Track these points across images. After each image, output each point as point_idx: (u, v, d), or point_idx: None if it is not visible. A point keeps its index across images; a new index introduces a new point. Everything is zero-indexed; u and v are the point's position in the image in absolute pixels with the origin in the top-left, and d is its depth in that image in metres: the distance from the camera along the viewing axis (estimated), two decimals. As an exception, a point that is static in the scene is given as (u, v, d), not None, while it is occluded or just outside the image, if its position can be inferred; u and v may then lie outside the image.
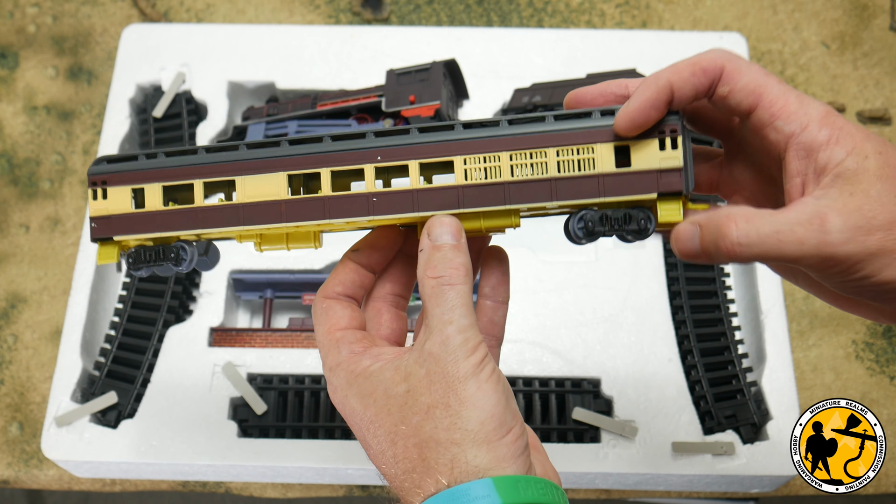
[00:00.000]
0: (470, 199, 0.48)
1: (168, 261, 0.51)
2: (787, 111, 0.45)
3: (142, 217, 0.51)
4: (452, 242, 0.47)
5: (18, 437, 0.83)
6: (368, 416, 0.46)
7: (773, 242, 0.43)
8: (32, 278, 0.90)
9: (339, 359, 0.48)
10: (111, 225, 0.51)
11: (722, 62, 0.47)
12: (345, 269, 0.51)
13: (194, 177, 0.50)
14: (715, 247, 0.45)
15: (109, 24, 1.03)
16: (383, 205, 0.48)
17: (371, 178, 0.49)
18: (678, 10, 1.04)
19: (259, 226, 0.49)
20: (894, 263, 0.43)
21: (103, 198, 0.51)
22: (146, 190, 0.51)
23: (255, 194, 0.49)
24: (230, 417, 0.79)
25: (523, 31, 0.99)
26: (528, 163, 0.48)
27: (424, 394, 0.44)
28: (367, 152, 0.49)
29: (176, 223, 0.50)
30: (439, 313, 0.45)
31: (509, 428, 0.44)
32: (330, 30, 0.98)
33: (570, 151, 0.47)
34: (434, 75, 0.85)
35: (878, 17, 1.04)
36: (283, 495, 0.83)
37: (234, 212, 0.50)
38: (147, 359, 0.82)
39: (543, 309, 0.84)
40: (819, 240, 0.43)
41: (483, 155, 0.48)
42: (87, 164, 0.95)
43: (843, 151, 0.44)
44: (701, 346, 0.82)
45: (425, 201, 0.48)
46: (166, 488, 0.83)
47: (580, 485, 0.80)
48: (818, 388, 0.85)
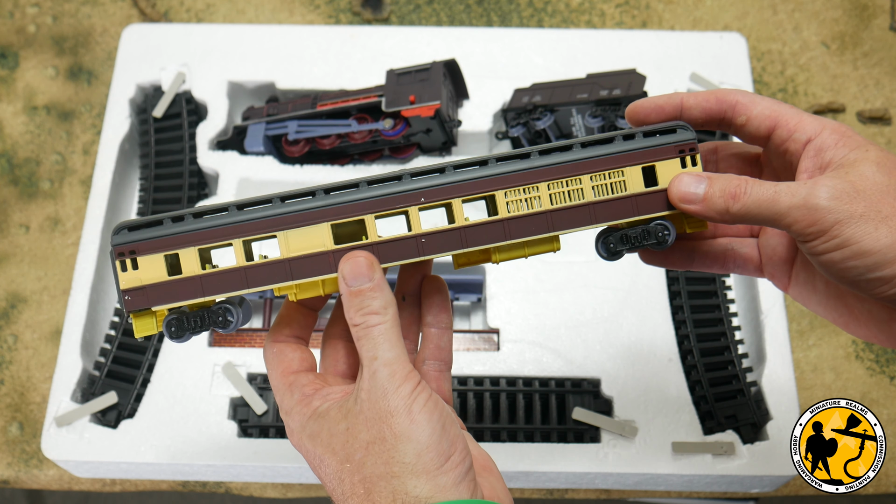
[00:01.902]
0: (515, 231, 0.50)
1: (216, 325, 0.49)
2: (803, 124, 0.49)
3: (181, 283, 0.49)
4: (368, 285, 0.48)
5: (18, 437, 0.83)
6: (318, 454, 0.48)
7: (769, 196, 0.46)
8: (32, 278, 0.90)
9: (291, 403, 0.50)
10: (147, 295, 0.49)
11: (736, 96, 0.51)
12: (290, 312, 0.53)
13: (231, 236, 0.49)
14: (721, 194, 0.47)
15: (109, 24, 1.03)
16: (433, 244, 0.49)
17: (417, 219, 0.49)
18: (678, 10, 1.04)
19: (312, 278, 0.49)
20: (875, 234, 0.45)
21: (133, 268, 0.49)
22: (181, 255, 0.49)
23: (300, 247, 0.49)
24: (230, 417, 0.79)
25: (523, 31, 0.99)
26: (565, 191, 0.50)
27: (363, 430, 0.46)
28: (409, 195, 0.49)
29: (221, 286, 0.49)
30: (365, 353, 0.47)
31: (447, 456, 0.45)
32: (330, 30, 0.98)
33: (602, 176, 0.50)
34: (434, 75, 0.85)
35: (878, 17, 1.04)
36: (283, 495, 0.83)
37: (282, 267, 0.49)
38: (147, 359, 0.82)
39: (543, 309, 0.84)
40: (808, 192, 0.45)
41: (522, 187, 0.50)
42: (86, 164, 0.95)
43: (847, 149, 0.47)
44: (701, 346, 0.82)
45: (474, 237, 0.50)
46: (166, 488, 0.83)
47: (580, 485, 0.80)
48: (818, 388, 0.85)
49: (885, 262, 0.45)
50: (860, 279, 0.46)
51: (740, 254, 0.55)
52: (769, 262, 0.55)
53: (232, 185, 0.88)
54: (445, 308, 0.54)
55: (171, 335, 0.50)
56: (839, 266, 0.46)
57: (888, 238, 0.44)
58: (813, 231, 0.46)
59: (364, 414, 0.46)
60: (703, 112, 0.51)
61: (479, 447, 0.52)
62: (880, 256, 0.45)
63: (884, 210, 0.45)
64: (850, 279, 0.46)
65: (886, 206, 0.45)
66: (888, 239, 0.44)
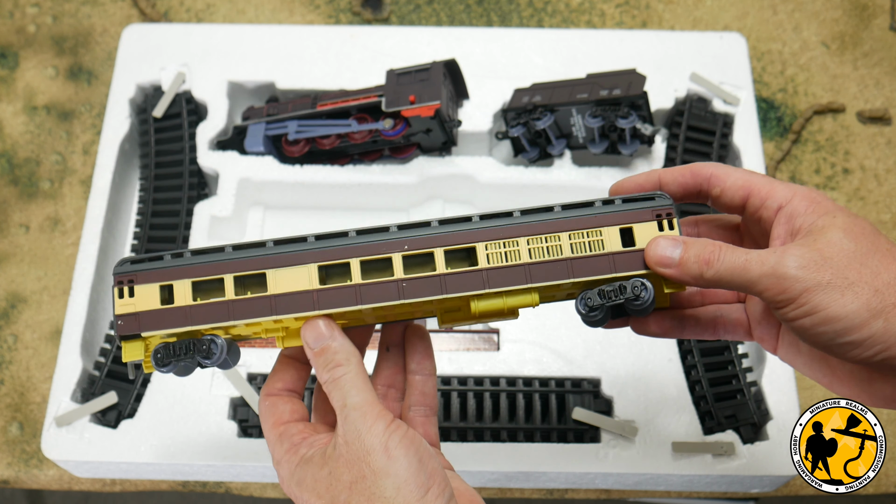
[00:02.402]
0: (494, 281, 0.52)
1: (199, 353, 0.51)
2: (774, 191, 0.51)
3: (170, 312, 0.51)
4: (329, 343, 0.51)
5: (18, 437, 0.83)
6: (305, 499, 0.49)
7: (741, 264, 0.48)
8: (32, 278, 0.90)
9: (281, 452, 0.52)
10: (139, 321, 0.52)
11: (710, 169, 0.53)
12: (283, 367, 0.55)
13: (224, 272, 0.52)
14: (695, 260, 0.49)
15: (109, 24, 1.03)
16: (413, 289, 0.51)
17: (399, 265, 0.51)
18: (678, 10, 1.04)
19: (292, 314, 0.51)
20: (841, 300, 0.46)
21: (130, 296, 0.52)
22: (175, 286, 0.52)
23: (286, 286, 0.51)
24: (230, 417, 0.79)
25: (523, 31, 0.99)
26: (543, 246, 0.52)
27: (344, 472, 0.48)
28: (393, 242, 0.52)
29: (207, 316, 0.51)
30: (335, 401, 0.50)
31: (427, 488, 0.47)
32: (330, 30, 0.98)
33: (580, 235, 0.52)
34: (434, 75, 0.85)
35: (878, 17, 1.04)
36: (283, 495, 0.83)
37: (266, 303, 0.51)
38: (147, 359, 0.82)
39: (543, 309, 0.83)
40: (777, 261, 0.47)
41: (502, 241, 0.52)
42: (86, 164, 0.95)
43: (816, 215, 0.49)
44: (701, 346, 0.82)
45: (453, 284, 0.51)
46: (166, 488, 0.83)
47: (580, 485, 0.80)
48: (818, 388, 0.85)
49: (854, 328, 0.46)
50: (832, 344, 0.47)
51: (729, 320, 0.57)
52: (757, 327, 0.56)
53: (232, 185, 0.88)
54: (428, 355, 0.57)
55: (157, 361, 0.51)
56: (810, 332, 0.47)
57: (854, 304, 0.46)
58: (782, 299, 0.47)
59: (343, 457, 0.48)
60: (681, 186, 0.54)
61: (467, 485, 0.54)
62: (848, 322, 0.46)
63: (850, 276, 0.46)
64: (823, 344, 0.48)
65: (852, 273, 0.46)
66: (854, 305, 0.46)
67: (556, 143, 0.89)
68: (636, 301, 0.52)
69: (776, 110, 0.98)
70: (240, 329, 0.53)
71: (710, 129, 0.91)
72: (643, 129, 0.85)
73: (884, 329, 0.46)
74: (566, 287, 0.53)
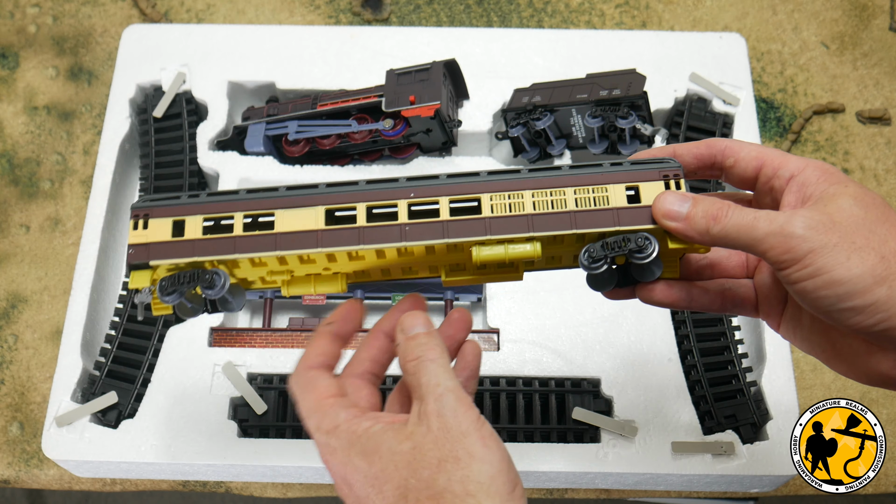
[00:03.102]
0: (496, 228, 0.52)
1: (202, 282, 0.52)
2: (787, 162, 0.51)
3: (179, 244, 0.53)
4: (423, 330, 0.51)
5: (19, 437, 0.83)
6: (374, 472, 0.47)
7: (749, 221, 0.48)
8: (33, 278, 0.90)
9: (337, 421, 0.50)
10: (149, 251, 0.53)
11: (725, 142, 0.54)
12: (322, 341, 0.54)
13: (235, 210, 0.53)
14: (703, 215, 0.49)
15: (110, 24, 1.03)
16: (415, 233, 0.52)
17: (405, 211, 0.52)
18: (678, 10, 1.04)
19: (295, 251, 0.52)
20: (846, 264, 0.46)
21: (144, 228, 0.54)
22: (187, 221, 0.53)
23: (292, 225, 0.53)
24: (230, 417, 0.79)
25: (523, 32, 0.99)
26: (548, 199, 0.52)
27: (432, 449, 0.46)
28: (401, 190, 0.53)
29: (213, 249, 0.53)
30: (426, 381, 0.49)
31: (515, 484, 0.46)
32: (330, 30, 0.98)
33: (586, 191, 0.52)
34: (434, 75, 0.85)
35: (878, 17, 1.04)
36: (283, 495, 0.83)
37: (271, 240, 0.53)
38: (147, 359, 0.82)
39: (543, 309, 0.84)
40: (785, 221, 0.47)
41: (508, 193, 0.52)
42: (87, 164, 0.95)
43: (828, 184, 0.49)
44: (701, 346, 0.82)
45: (455, 230, 0.52)
46: (166, 488, 0.83)
47: (580, 484, 0.80)
48: (818, 388, 0.85)
49: (857, 292, 0.46)
50: (833, 309, 0.47)
51: (738, 293, 0.56)
52: (764, 302, 0.56)
53: (232, 186, 0.88)
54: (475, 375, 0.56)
55: (161, 290, 0.53)
56: (812, 296, 0.47)
57: (859, 268, 0.45)
58: (787, 259, 0.47)
59: (434, 434, 0.47)
60: (695, 158, 0.54)
61: None
62: (851, 286, 0.46)
63: (857, 241, 0.46)
64: (824, 309, 0.47)
65: (860, 238, 0.46)
66: (859, 269, 0.45)
67: (556, 143, 0.89)
68: (640, 254, 0.51)
69: (776, 110, 0.99)
70: (245, 270, 0.54)
71: (710, 129, 0.91)
72: (643, 129, 0.85)
73: (887, 297, 0.45)
74: (569, 241, 0.53)
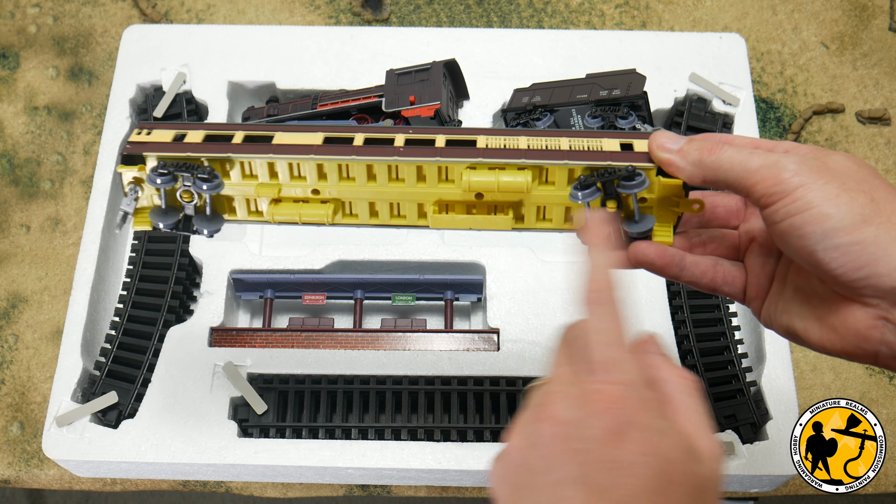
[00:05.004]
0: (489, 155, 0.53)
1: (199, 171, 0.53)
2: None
3: (177, 145, 0.54)
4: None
5: (19, 437, 0.83)
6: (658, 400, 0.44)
7: (742, 156, 0.48)
8: (33, 278, 0.90)
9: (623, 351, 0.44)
10: (146, 147, 0.54)
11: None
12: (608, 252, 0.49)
13: (236, 130, 0.54)
14: (697, 148, 0.49)
15: (110, 24, 1.03)
16: (410, 153, 0.53)
17: (401, 141, 0.53)
18: (678, 10, 1.04)
19: (288, 156, 0.53)
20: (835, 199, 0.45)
21: (147, 135, 0.55)
22: (188, 134, 0.54)
23: (290, 140, 0.54)
24: (230, 417, 0.79)
25: (523, 32, 0.99)
26: (543, 143, 0.53)
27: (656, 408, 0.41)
28: (400, 129, 0.54)
29: (210, 149, 0.54)
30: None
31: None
32: (330, 30, 0.99)
33: (581, 141, 0.53)
34: (434, 75, 0.85)
35: (878, 17, 1.04)
36: (283, 495, 0.84)
37: (264, 148, 0.53)
38: (147, 359, 0.82)
39: (544, 309, 0.84)
40: (779, 157, 0.47)
41: (503, 137, 0.53)
42: (87, 165, 0.95)
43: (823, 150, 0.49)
44: (700, 346, 0.82)
45: (448, 153, 0.53)
46: (166, 488, 0.83)
47: (580, 484, 0.80)
48: (817, 388, 0.85)
49: (843, 228, 0.45)
50: (817, 248, 0.46)
51: (728, 271, 0.56)
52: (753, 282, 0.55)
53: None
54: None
55: (155, 170, 0.53)
56: (798, 232, 0.46)
57: (847, 205, 0.45)
58: (777, 191, 0.46)
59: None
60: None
61: None
62: (838, 221, 0.45)
63: (847, 183, 0.46)
64: (808, 249, 0.46)
65: (850, 182, 0.46)
66: (847, 206, 0.45)
67: (556, 143, 0.89)
68: (629, 182, 0.51)
69: (775, 111, 0.99)
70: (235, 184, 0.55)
71: (710, 129, 0.91)
72: (643, 129, 0.85)
73: (874, 238, 0.45)
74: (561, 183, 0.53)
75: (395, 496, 0.84)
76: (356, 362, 0.80)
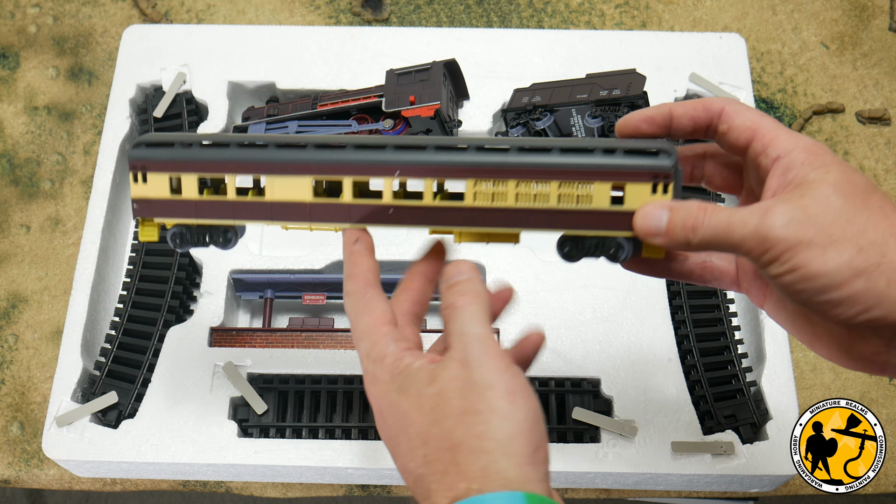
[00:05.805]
0: (477, 220, 0.53)
1: (216, 244, 0.56)
2: (778, 140, 0.49)
3: (179, 203, 0.56)
4: (464, 277, 0.50)
5: (19, 437, 0.83)
6: (404, 409, 0.47)
7: (724, 227, 0.47)
8: (33, 278, 0.90)
9: (385, 351, 0.49)
10: (152, 208, 0.56)
11: (723, 103, 0.52)
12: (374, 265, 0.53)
13: (227, 171, 0.55)
14: (681, 226, 0.48)
15: (110, 24, 1.03)
16: (400, 216, 0.53)
17: (389, 191, 0.53)
18: (678, 10, 1.04)
19: (288, 222, 0.55)
20: (822, 258, 0.45)
21: (143, 181, 0.55)
22: (182, 179, 0.55)
23: (283, 195, 0.54)
24: (230, 417, 0.79)
25: (523, 32, 0.99)
26: (532, 193, 0.52)
27: (455, 398, 0.45)
28: (387, 167, 0.53)
29: (212, 212, 0.55)
30: (454, 328, 0.48)
31: (537, 447, 0.45)
32: (330, 30, 0.99)
33: (571, 186, 0.51)
34: (434, 75, 0.85)
35: (878, 17, 1.04)
36: (283, 495, 0.84)
37: (265, 209, 0.55)
38: (147, 359, 0.82)
39: (543, 309, 0.84)
40: (760, 222, 0.46)
41: (492, 180, 0.52)
42: (87, 165, 0.95)
43: (811, 168, 0.48)
44: (700, 346, 0.82)
45: (438, 217, 0.53)
46: (167, 488, 0.83)
47: (580, 484, 0.80)
48: (817, 388, 0.85)
49: (834, 285, 0.45)
50: (813, 301, 0.47)
51: (717, 266, 0.56)
52: (745, 278, 0.55)
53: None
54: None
55: (174, 244, 0.57)
56: (792, 289, 0.47)
57: (835, 262, 0.45)
58: (766, 258, 0.46)
59: (458, 382, 0.46)
60: (691, 120, 0.52)
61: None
62: (828, 280, 0.45)
63: (834, 234, 0.45)
64: (804, 301, 0.47)
65: (837, 230, 0.46)
66: (835, 263, 0.45)
67: (556, 143, 0.89)
68: (613, 259, 0.52)
69: (775, 111, 0.99)
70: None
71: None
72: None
73: (865, 289, 0.45)
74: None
75: (395, 496, 0.84)
76: (356, 362, 0.80)
